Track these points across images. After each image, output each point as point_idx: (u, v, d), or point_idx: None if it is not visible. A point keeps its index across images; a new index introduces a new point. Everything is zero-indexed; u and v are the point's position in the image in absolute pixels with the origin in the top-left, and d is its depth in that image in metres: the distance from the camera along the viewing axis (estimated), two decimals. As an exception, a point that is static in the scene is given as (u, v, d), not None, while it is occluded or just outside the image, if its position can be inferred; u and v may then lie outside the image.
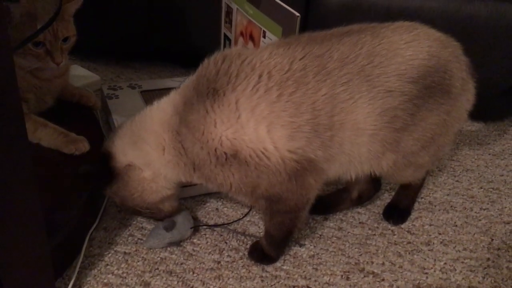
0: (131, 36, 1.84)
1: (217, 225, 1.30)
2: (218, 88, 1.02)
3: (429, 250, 1.27)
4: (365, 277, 1.19)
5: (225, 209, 1.35)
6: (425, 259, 1.24)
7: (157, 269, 1.17)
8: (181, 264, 1.19)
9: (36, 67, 1.23)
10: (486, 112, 1.56)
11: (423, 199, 1.43)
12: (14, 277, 0.88)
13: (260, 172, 1.03)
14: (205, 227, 1.29)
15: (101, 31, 1.76)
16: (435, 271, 1.21)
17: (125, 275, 1.15)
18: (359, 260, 1.23)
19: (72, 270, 1.13)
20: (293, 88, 1.00)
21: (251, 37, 1.39)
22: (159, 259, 1.19)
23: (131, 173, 1.12)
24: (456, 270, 1.22)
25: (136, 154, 1.11)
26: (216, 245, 1.24)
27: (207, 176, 1.07)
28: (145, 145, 1.09)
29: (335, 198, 1.37)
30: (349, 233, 1.30)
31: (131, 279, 1.14)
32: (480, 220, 1.37)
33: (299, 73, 1.01)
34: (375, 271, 1.20)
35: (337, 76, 1.02)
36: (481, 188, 1.49)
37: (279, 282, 1.16)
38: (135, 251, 1.21)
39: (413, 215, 1.37)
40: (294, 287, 1.15)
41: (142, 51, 1.95)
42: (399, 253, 1.26)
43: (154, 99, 1.14)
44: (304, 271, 1.19)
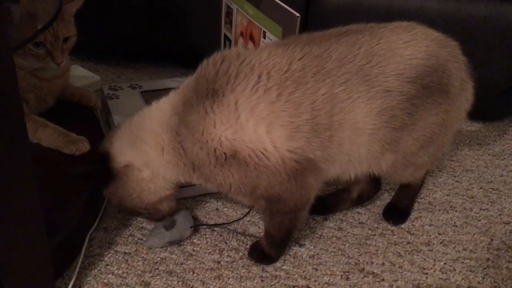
0: (131, 36, 1.84)
1: (217, 225, 1.30)
2: (217, 88, 1.02)
3: (429, 250, 1.27)
4: (365, 277, 1.19)
5: (225, 209, 1.35)
6: (425, 259, 1.24)
7: (157, 269, 1.17)
8: (181, 264, 1.19)
9: (36, 67, 1.23)
10: (486, 112, 1.56)
11: (423, 199, 1.43)
12: (14, 277, 0.88)
13: (259, 172, 1.03)
14: (205, 227, 1.29)
15: (101, 32, 1.76)
16: (434, 271, 1.21)
17: (125, 275, 1.15)
18: (359, 260, 1.23)
19: (72, 270, 1.13)
20: (292, 88, 1.00)
21: (251, 38, 1.40)
22: (159, 259, 1.20)
23: (130, 173, 1.12)
24: (455, 270, 1.22)
25: (135, 154, 1.11)
26: (216, 245, 1.24)
27: (206, 176, 1.07)
28: (144, 145, 1.09)
29: (335, 198, 1.37)
30: (349, 233, 1.30)
31: (131, 279, 1.14)
32: (479, 220, 1.37)
33: (298, 73, 1.01)
34: (375, 271, 1.20)
35: (335, 76, 1.02)
36: (481, 188, 1.49)
37: (279, 282, 1.16)
38: (135, 251, 1.21)
39: (413, 215, 1.37)
40: (294, 287, 1.15)
41: (142, 52, 1.95)
42: (399, 253, 1.26)
43: (154, 99, 1.14)
44: (304, 271, 1.19)
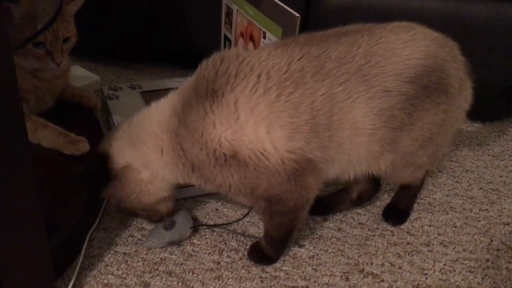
0: (131, 36, 1.84)
1: (216, 225, 1.30)
2: (216, 89, 1.02)
3: (428, 251, 1.27)
4: (364, 278, 1.19)
5: (225, 209, 1.35)
6: (424, 260, 1.24)
7: (157, 269, 1.17)
8: (181, 264, 1.19)
9: (36, 67, 1.23)
10: (485, 112, 1.56)
11: (422, 200, 1.43)
12: (14, 277, 0.88)
13: (259, 172, 1.04)
14: (204, 227, 1.29)
15: (101, 32, 1.76)
16: (434, 272, 1.21)
17: (125, 275, 1.15)
18: (358, 261, 1.23)
19: (72, 270, 1.13)
20: (292, 88, 1.00)
21: (251, 38, 1.40)
22: (159, 259, 1.20)
23: (129, 174, 1.12)
24: (455, 271, 1.22)
25: (134, 155, 1.10)
26: (215, 246, 1.24)
27: (206, 177, 1.07)
28: (144, 146, 1.09)
29: (335, 198, 1.37)
30: (348, 234, 1.30)
31: (131, 280, 1.14)
32: (479, 221, 1.37)
33: (297, 74, 1.01)
34: (375, 272, 1.20)
35: (335, 76, 1.02)
36: (481, 189, 1.49)
37: (278, 282, 1.16)
38: (135, 251, 1.21)
39: (413, 216, 1.37)
40: (293, 287, 1.15)
41: (142, 52, 1.95)
42: (399, 254, 1.26)
43: (154, 99, 1.14)
44: (303, 272, 1.19)
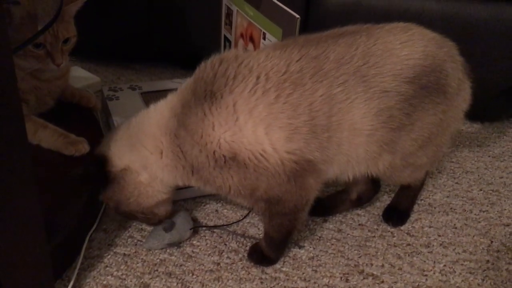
0: (131, 37, 1.84)
1: (216, 226, 1.30)
2: (215, 90, 1.02)
3: (428, 252, 1.27)
4: (364, 279, 1.19)
5: (225, 210, 1.35)
6: (424, 261, 1.24)
7: (157, 270, 1.17)
8: (181, 265, 1.19)
9: (36, 68, 1.23)
10: (485, 113, 1.56)
11: (422, 201, 1.43)
12: (14, 277, 0.88)
13: (259, 174, 1.03)
14: (204, 228, 1.29)
15: (101, 33, 1.76)
16: (434, 273, 1.21)
17: (124, 276, 1.15)
18: (358, 262, 1.23)
19: (71, 271, 1.13)
20: (291, 89, 1.01)
21: (251, 39, 1.40)
22: (158, 260, 1.19)
23: (127, 177, 1.11)
24: (455, 272, 1.22)
25: (133, 157, 1.10)
26: (215, 247, 1.24)
27: (205, 179, 1.07)
28: (143, 149, 1.09)
29: (335, 199, 1.37)
30: (348, 235, 1.30)
31: (131, 281, 1.14)
32: (479, 222, 1.37)
33: (296, 75, 1.01)
34: (375, 273, 1.20)
35: (333, 77, 1.02)
36: (481, 190, 1.49)
37: (278, 284, 1.16)
38: (135, 252, 1.21)
39: (413, 217, 1.37)
40: (293, 288, 1.15)
41: (142, 53, 1.95)
42: (399, 255, 1.26)
43: (154, 100, 1.13)
44: (303, 273, 1.19)
